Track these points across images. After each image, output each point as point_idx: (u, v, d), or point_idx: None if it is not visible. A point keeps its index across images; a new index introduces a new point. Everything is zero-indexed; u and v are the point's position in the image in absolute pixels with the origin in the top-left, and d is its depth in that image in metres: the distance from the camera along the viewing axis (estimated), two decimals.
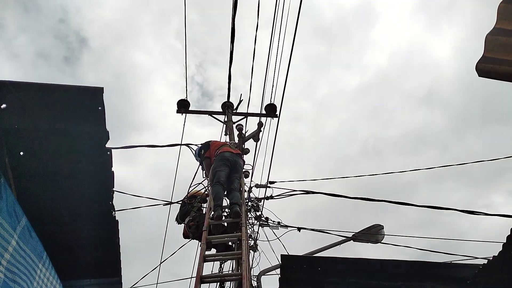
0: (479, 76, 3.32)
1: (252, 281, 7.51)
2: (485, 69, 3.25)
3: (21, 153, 3.13)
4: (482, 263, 4.69)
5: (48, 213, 3.45)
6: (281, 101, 6.35)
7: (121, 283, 4.11)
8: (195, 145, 7.89)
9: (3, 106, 2.81)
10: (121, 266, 3.97)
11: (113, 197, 3.52)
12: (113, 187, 3.47)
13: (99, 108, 2.94)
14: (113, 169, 3.39)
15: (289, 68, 5.76)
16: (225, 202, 6.79)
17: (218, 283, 7.00)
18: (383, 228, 8.41)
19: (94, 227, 3.63)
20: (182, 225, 7.34)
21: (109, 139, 3.17)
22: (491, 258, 4.42)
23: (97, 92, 2.88)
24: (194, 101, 9.23)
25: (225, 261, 7.92)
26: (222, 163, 6.23)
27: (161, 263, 8.64)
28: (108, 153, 3.26)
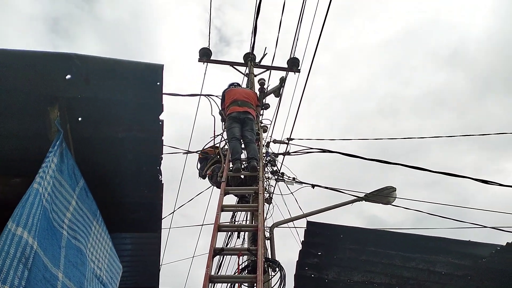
0: None
1: (265, 232, 7.91)
2: None
3: (79, 119, 3.29)
4: (499, 244, 4.90)
5: (101, 175, 3.66)
6: (313, 59, 6.30)
7: (160, 237, 4.41)
8: (216, 96, 7.98)
9: (68, 77, 2.92)
10: (161, 224, 4.25)
11: (161, 163, 3.72)
12: (162, 154, 3.65)
13: (158, 83, 3.05)
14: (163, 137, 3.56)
15: (322, 32, 5.67)
16: (244, 154, 7.04)
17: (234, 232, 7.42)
18: (395, 191, 8.63)
19: (140, 189, 3.86)
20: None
21: (163, 111, 3.31)
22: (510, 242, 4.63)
23: (157, 69, 2.98)
24: (211, 46, 9.13)
25: (241, 212, 8.32)
26: (232, 121, 6.68)
27: (174, 210, 9.01)
28: (160, 123, 3.41)
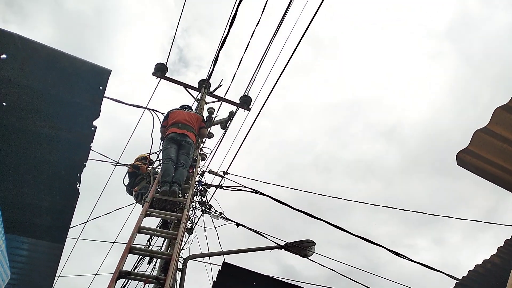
0: (457, 164, 3.51)
1: (179, 263, 7.58)
2: (465, 159, 3.43)
3: (4, 104, 3.00)
4: None
5: (10, 168, 3.33)
6: (264, 102, 6.38)
7: (62, 249, 4.06)
8: (161, 113, 7.77)
9: (3, 56, 2.67)
10: (67, 235, 3.92)
11: (82, 170, 3.46)
12: (86, 161, 3.41)
13: (100, 87, 2.88)
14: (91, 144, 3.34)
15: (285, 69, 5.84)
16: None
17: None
18: (314, 245, 8.74)
19: (52, 193, 3.55)
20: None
21: (99, 117, 3.11)
22: None
23: (104, 73, 2.82)
24: (169, 63, 8.93)
25: (157, 237, 7.93)
26: (169, 141, 6.53)
27: (88, 221, 8.36)
28: (93, 128, 3.20)
